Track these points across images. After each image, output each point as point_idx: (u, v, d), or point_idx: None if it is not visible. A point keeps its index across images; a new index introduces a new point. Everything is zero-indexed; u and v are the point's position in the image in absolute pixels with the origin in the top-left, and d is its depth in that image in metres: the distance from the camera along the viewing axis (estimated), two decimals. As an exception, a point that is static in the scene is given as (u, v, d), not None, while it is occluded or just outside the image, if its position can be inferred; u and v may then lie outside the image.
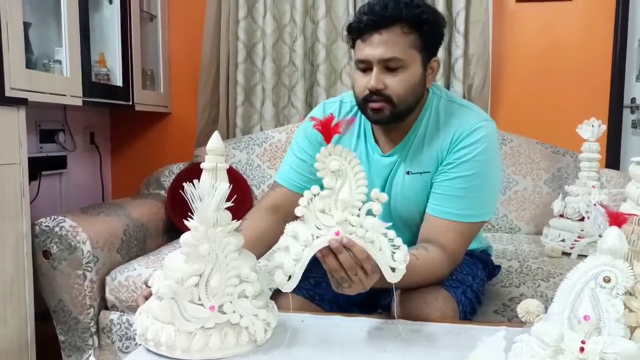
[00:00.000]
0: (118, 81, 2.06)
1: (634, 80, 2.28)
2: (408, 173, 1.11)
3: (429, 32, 1.03)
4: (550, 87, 2.25)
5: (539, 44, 2.25)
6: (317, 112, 1.22)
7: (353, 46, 1.08)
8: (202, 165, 0.82)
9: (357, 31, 1.04)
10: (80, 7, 1.75)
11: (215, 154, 0.82)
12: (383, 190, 1.13)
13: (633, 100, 2.30)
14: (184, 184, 0.78)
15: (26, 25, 1.57)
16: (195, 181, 0.80)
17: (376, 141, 1.15)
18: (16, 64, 1.45)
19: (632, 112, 2.31)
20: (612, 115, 2.22)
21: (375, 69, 1.02)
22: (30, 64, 1.58)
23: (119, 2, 2.03)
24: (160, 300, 0.80)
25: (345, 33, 1.12)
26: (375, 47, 1.01)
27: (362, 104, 1.07)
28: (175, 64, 2.49)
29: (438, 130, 1.09)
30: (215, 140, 0.83)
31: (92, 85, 1.86)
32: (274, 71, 2.28)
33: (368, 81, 1.03)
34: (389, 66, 1.02)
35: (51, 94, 1.62)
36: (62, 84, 1.69)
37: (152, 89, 2.39)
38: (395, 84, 1.02)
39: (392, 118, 1.06)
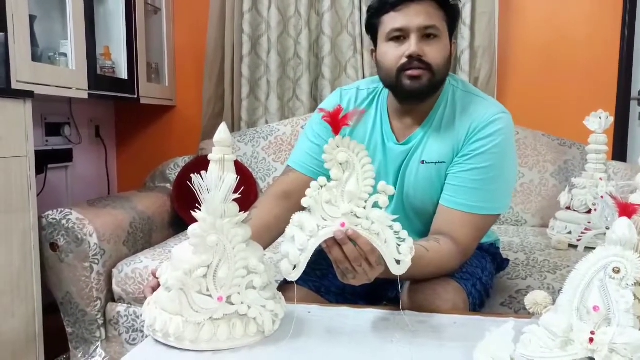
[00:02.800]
0: (123, 74, 2.06)
1: (641, 72, 2.27)
2: (423, 162, 1.10)
3: (452, 15, 1.08)
4: (557, 79, 2.23)
5: (546, 36, 2.23)
6: (334, 98, 1.21)
7: (370, 30, 1.10)
8: (210, 157, 0.82)
9: (390, 4, 1.05)
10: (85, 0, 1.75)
11: (222, 145, 0.81)
12: (397, 178, 1.13)
13: (640, 92, 2.28)
14: (192, 175, 0.78)
15: (32, 19, 1.57)
16: (202, 172, 0.79)
17: (392, 129, 1.14)
18: (22, 57, 1.45)
19: (640, 104, 2.30)
20: (619, 107, 2.21)
21: (413, 37, 1.03)
22: (35, 57, 1.58)
23: (123, -6, 2.03)
24: (169, 292, 0.80)
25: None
26: (413, 16, 1.03)
27: (397, 74, 1.05)
28: (180, 57, 2.48)
29: (454, 121, 1.09)
30: (222, 131, 0.82)
31: (98, 78, 1.86)
32: (278, 64, 2.28)
33: (404, 50, 1.03)
34: (427, 33, 1.04)
35: (57, 86, 1.63)
36: (68, 77, 1.70)
37: (157, 82, 2.39)
38: (433, 52, 1.04)
39: (429, 87, 1.06)
